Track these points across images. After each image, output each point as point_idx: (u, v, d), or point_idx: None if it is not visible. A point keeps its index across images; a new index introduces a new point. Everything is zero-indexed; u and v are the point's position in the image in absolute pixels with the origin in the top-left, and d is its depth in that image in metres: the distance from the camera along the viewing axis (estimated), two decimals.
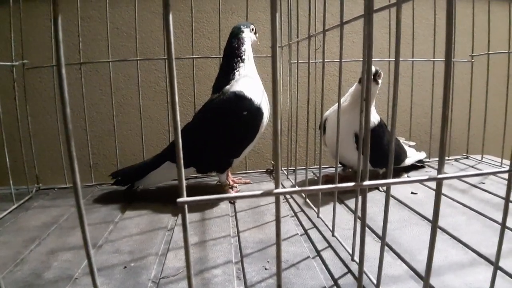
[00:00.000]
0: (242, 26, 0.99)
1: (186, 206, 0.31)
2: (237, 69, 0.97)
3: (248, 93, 0.93)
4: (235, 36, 0.98)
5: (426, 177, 0.37)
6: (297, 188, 0.33)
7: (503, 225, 0.45)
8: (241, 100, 0.93)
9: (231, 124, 0.94)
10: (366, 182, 0.34)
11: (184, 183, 0.31)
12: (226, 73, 0.98)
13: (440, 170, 0.39)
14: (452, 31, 0.34)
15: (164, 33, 0.29)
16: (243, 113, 0.92)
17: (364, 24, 0.39)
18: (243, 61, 0.97)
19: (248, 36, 0.99)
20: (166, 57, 0.29)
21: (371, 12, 0.35)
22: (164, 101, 1.36)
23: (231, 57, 0.98)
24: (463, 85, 1.42)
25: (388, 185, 0.41)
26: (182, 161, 0.31)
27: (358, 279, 0.35)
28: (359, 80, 0.97)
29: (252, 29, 1.01)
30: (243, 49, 0.97)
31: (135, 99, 1.27)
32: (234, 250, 0.72)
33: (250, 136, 0.97)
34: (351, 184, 0.35)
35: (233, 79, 0.96)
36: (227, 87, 0.96)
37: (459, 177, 0.41)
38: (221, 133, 0.95)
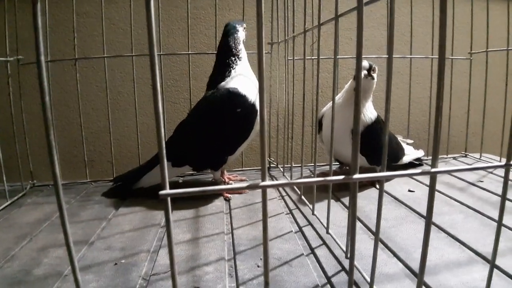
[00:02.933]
0: (237, 25, 0.98)
1: (168, 198, 0.30)
2: (233, 67, 0.96)
3: (243, 90, 0.92)
4: (231, 35, 0.97)
5: (419, 171, 0.36)
6: (283, 181, 0.32)
7: (499, 223, 0.44)
8: (235, 96, 0.92)
9: (225, 121, 0.93)
10: (356, 176, 0.33)
11: (167, 175, 0.30)
12: (221, 70, 0.97)
13: (434, 164, 0.38)
14: (445, 22, 0.33)
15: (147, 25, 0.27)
16: (237, 110, 0.91)
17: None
18: (240, 59, 0.97)
19: (242, 35, 0.99)
20: (160, 53, 0.29)
21: (362, 3, 0.34)
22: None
23: (227, 55, 0.97)
24: (462, 83, 1.41)
25: (380, 179, 0.40)
26: (164, 153, 0.30)
27: (349, 273, 0.34)
28: (354, 77, 0.96)
29: (244, 28, 1.01)
30: (239, 48, 0.97)
31: (131, 96, 1.26)
32: (227, 247, 0.71)
33: (245, 134, 0.96)
34: (341, 177, 0.34)
35: (229, 76, 0.96)
36: (222, 83, 0.95)
37: (452, 171, 0.40)
38: (215, 130, 0.94)
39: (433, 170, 0.36)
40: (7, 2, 1.06)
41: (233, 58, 0.96)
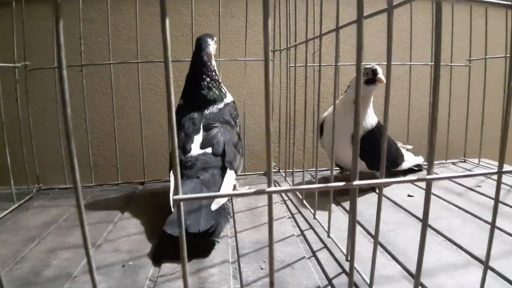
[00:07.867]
0: (208, 39, 1.01)
1: (181, 203, 0.32)
2: (220, 81, 1.01)
3: None
4: (203, 50, 0.99)
5: (416, 177, 0.39)
6: (288, 187, 0.34)
7: (493, 225, 0.46)
8: None
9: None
10: (356, 182, 0.35)
11: (180, 181, 0.33)
12: (215, 86, 0.99)
13: (429, 171, 0.40)
14: (440, 34, 0.35)
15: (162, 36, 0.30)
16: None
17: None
18: (217, 74, 1.01)
19: (213, 49, 1.03)
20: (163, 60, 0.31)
21: (362, 17, 0.36)
22: (164, 103, 1.37)
23: (206, 70, 0.99)
24: (461, 89, 1.44)
25: (379, 185, 0.42)
26: (178, 160, 0.32)
27: (349, 274, 0.36)
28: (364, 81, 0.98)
29: (216, 42, 1.05)
30: (213, 63, 1.01)
31: (136, 101, 1.29)
32: (231, 250, 0.73)
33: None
34: (342, 183, 0.36)
35: (224, 92, 1.01)
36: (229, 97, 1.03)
37: (447, 178, 0.42)
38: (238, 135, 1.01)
39: (429, 177, 0.38)
40: (14, 8, 1.08)
41: (214, 73, 1.00)
